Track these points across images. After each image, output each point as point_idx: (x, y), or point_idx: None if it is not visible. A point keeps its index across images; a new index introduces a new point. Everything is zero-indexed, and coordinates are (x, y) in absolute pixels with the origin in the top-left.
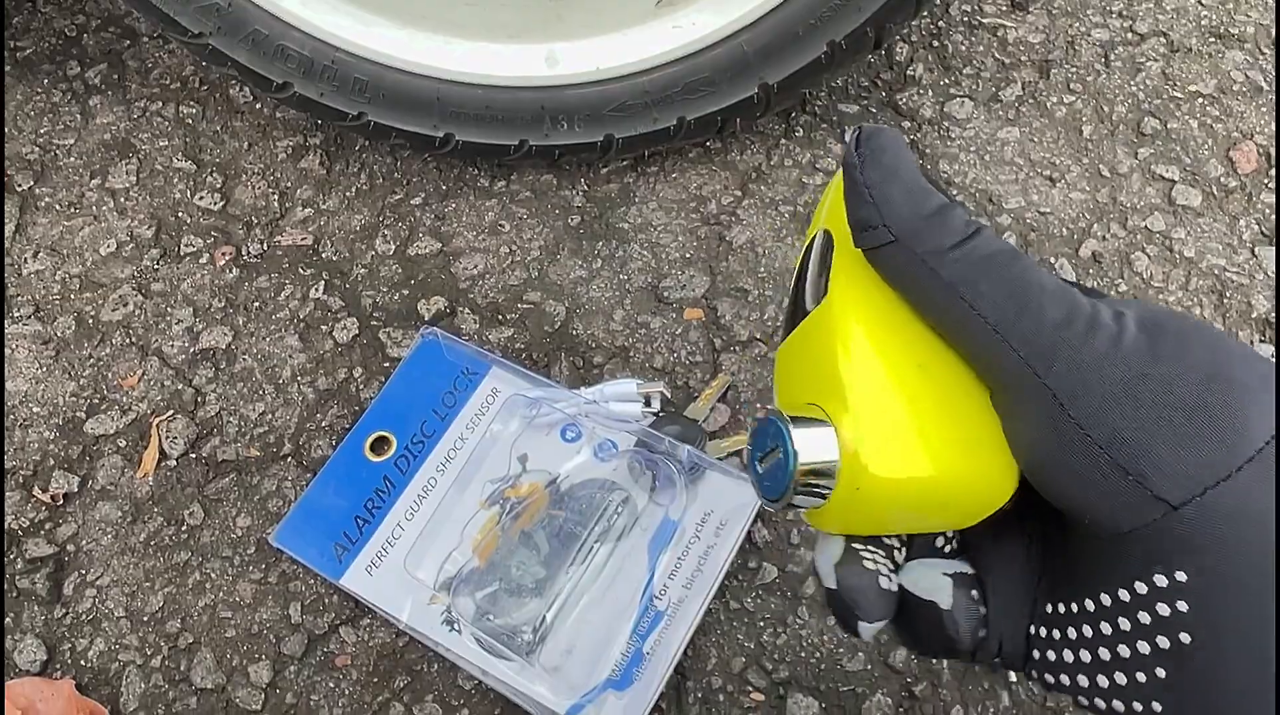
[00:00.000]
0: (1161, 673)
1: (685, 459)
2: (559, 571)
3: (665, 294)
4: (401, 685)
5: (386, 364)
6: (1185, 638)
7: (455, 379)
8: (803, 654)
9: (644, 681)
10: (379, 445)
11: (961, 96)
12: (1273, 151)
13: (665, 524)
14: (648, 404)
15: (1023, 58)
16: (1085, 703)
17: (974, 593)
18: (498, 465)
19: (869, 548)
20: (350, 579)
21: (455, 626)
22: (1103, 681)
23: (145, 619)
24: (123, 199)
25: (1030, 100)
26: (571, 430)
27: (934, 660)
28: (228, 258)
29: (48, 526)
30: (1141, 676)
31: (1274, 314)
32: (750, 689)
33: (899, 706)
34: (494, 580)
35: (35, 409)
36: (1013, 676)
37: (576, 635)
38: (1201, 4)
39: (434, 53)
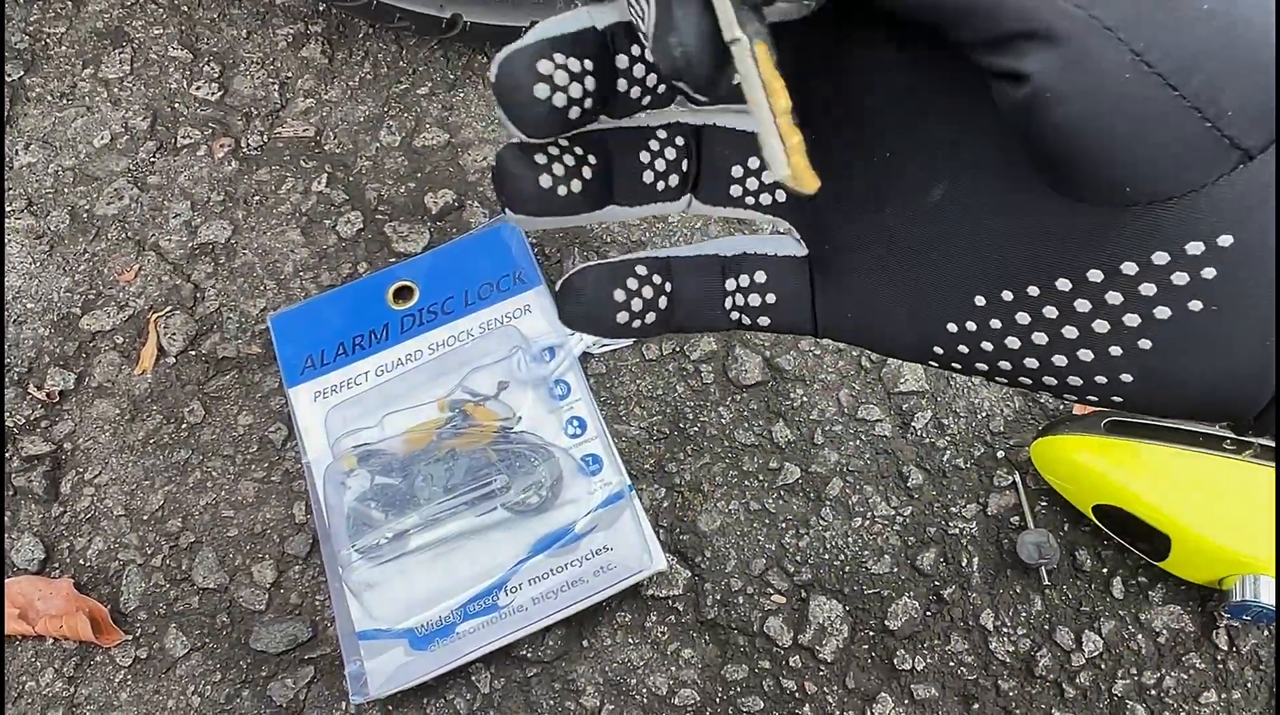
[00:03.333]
0: (1146, 343)
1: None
2: (451, 506)
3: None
4: None
5: (392, 259)
6: (1195, 305)
7: (502, 277)
8: (825, 556)
9: (435, 656)
10: (401, 293)
11: None
12: None
13: (565, 528)
14: None
15: None
16: (1027, 382)
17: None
18: (479, 377)
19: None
20: (297, 393)
21: (344, 489)
22: (1059, 361)
23: (145, 518)
24: (116, 89)
25: None
26: (560, 387)
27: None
28: (226, 150)
29: (44, 424)
30: (1117, 350)
31: None
32: (771, 591)
33: (926, 610)
34: (397, 475)
35: (29, 305)
36: (1046, 580)
37: (416, 573)
38: None
39: None
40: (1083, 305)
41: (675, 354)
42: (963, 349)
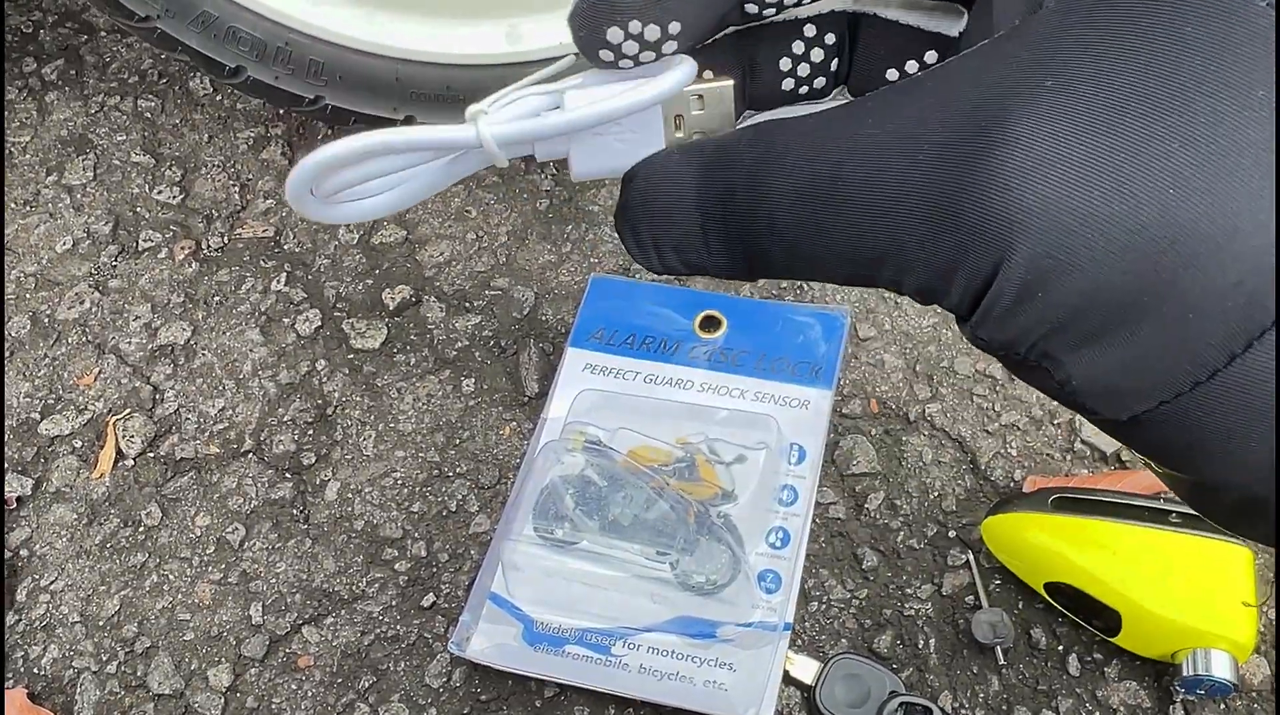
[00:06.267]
0: None
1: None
2: (630, 541)
3: (637, 276)
4: (366, 685)
5: (351, 356)
6: None
7: (801, 363)
8: None
9: (537, 657)
10: (708, 323)
11: None
12: None
13: (710, 624)
14: None
15: None
16: None
17: None
18: (724, 441)
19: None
20: (575, 355)
21: (558, 463)
22: None
23: (101, 624)
24: (79, 195)
25: None
26: (788, 493)
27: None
28: (187, 252)
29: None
30: None
31: None
32: None
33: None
34: (604, 482)
35: None
36: (1002, 659)
37: (566, 575)
38: None
39: (391, 31)
40: None
41: None
42: None
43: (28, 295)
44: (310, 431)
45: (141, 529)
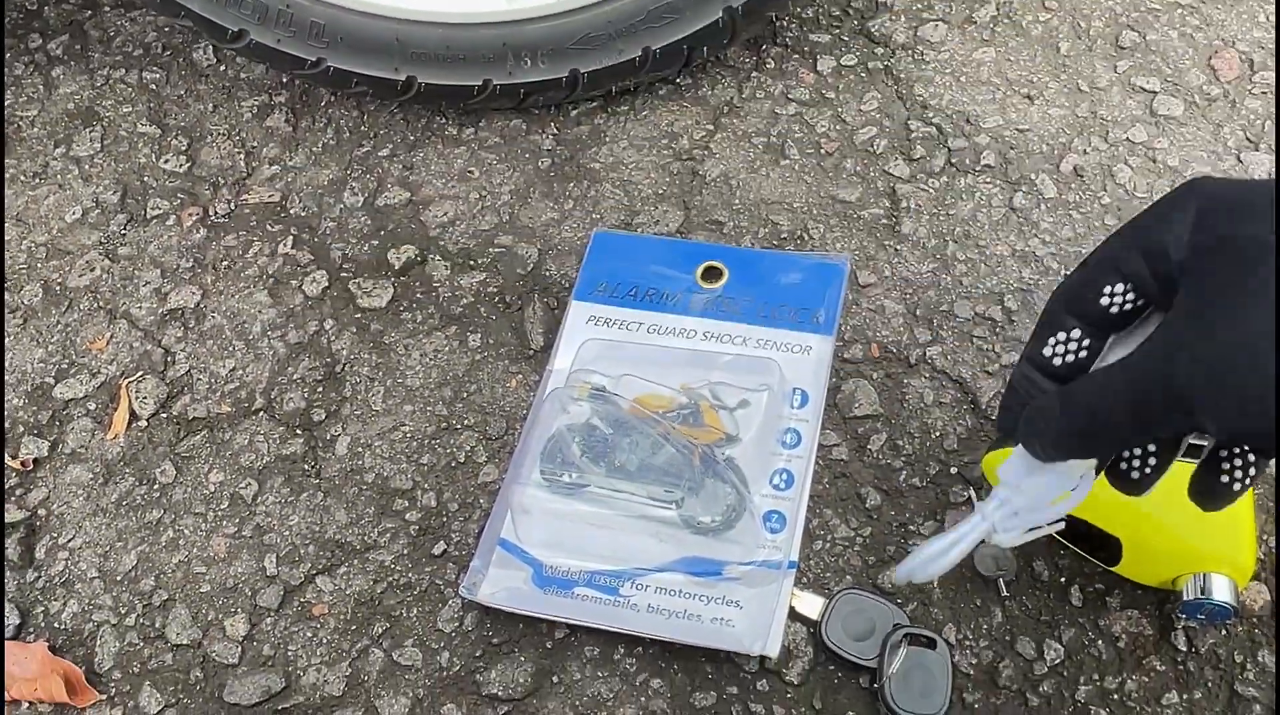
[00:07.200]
0: None
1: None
2: (636, 483)
3: (639, 230)
4: (380, 631)
5: (358, 315)
6: None
7: (803, 309)
8: None
9: (546, 600)
10: (710, 273)
11: (935, 20)
12: (1254, 57)
13: (717, 564)
14: None
15: None
16: None
17: None
18: (727, 386)
19: None
20: (578, 308)
21: (563, 412)
22: None
23: (118, 578)
24: (87, 166)
25: (1005, 20)
26: (791, 436)
27: None
28: (195, 218)
29: (18, 492)
30: None
31: None
32: None
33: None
34: (610, 430)
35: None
36: (1005, 591)
37: (574, 519)
38: None
39: None
40: None
41: None
42: None
43: (39, 264)
44: (320, 389)
45: (156, 486)
